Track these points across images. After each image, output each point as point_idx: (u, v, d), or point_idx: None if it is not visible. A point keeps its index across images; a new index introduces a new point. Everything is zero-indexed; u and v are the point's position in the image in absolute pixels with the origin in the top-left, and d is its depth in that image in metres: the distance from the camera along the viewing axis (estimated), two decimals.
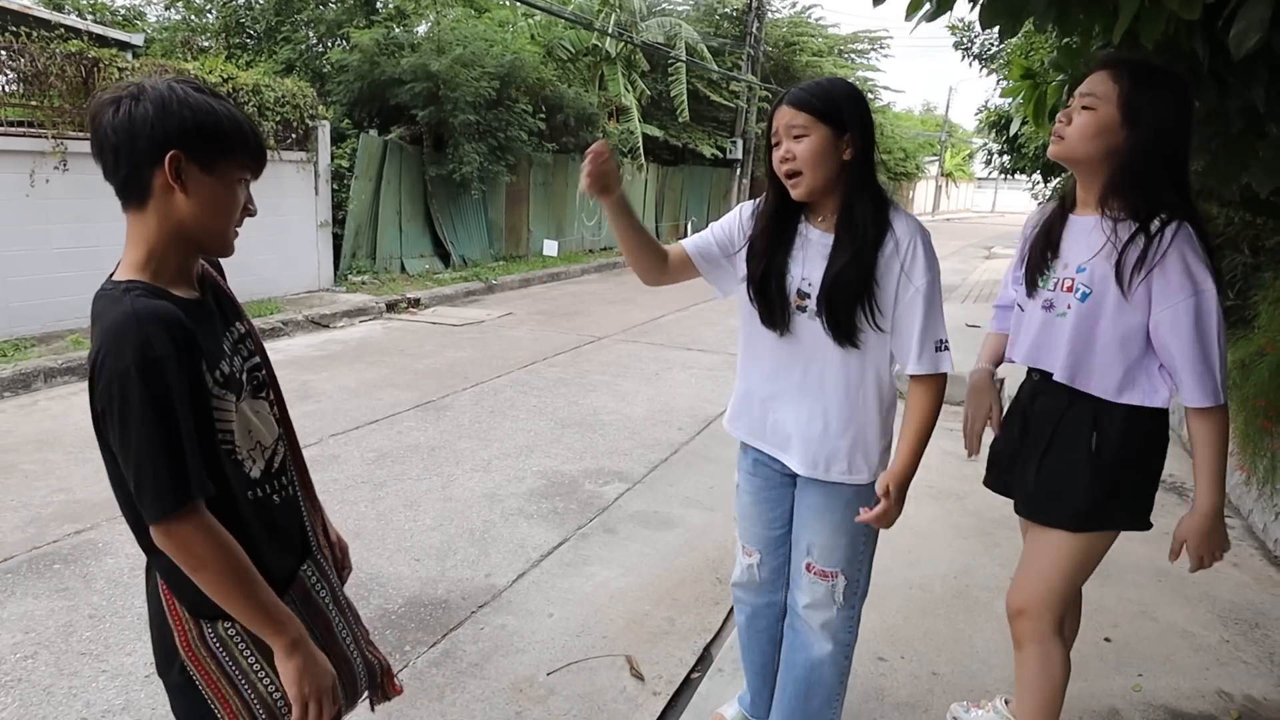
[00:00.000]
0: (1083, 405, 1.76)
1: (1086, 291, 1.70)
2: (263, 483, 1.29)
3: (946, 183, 47.49)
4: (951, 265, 16.64)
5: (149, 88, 1.15)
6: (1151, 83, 1.62)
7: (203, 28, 11.61)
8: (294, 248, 9.00)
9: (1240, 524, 3.72)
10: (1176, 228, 1.60)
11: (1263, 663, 2.62)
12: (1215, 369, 1.62)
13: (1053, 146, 1.75)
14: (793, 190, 1.72)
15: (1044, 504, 1.84)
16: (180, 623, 1.22)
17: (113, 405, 1.08)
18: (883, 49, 23.54)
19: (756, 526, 2.03)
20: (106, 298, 1.15)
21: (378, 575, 3.23)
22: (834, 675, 1.96)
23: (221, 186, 1.19)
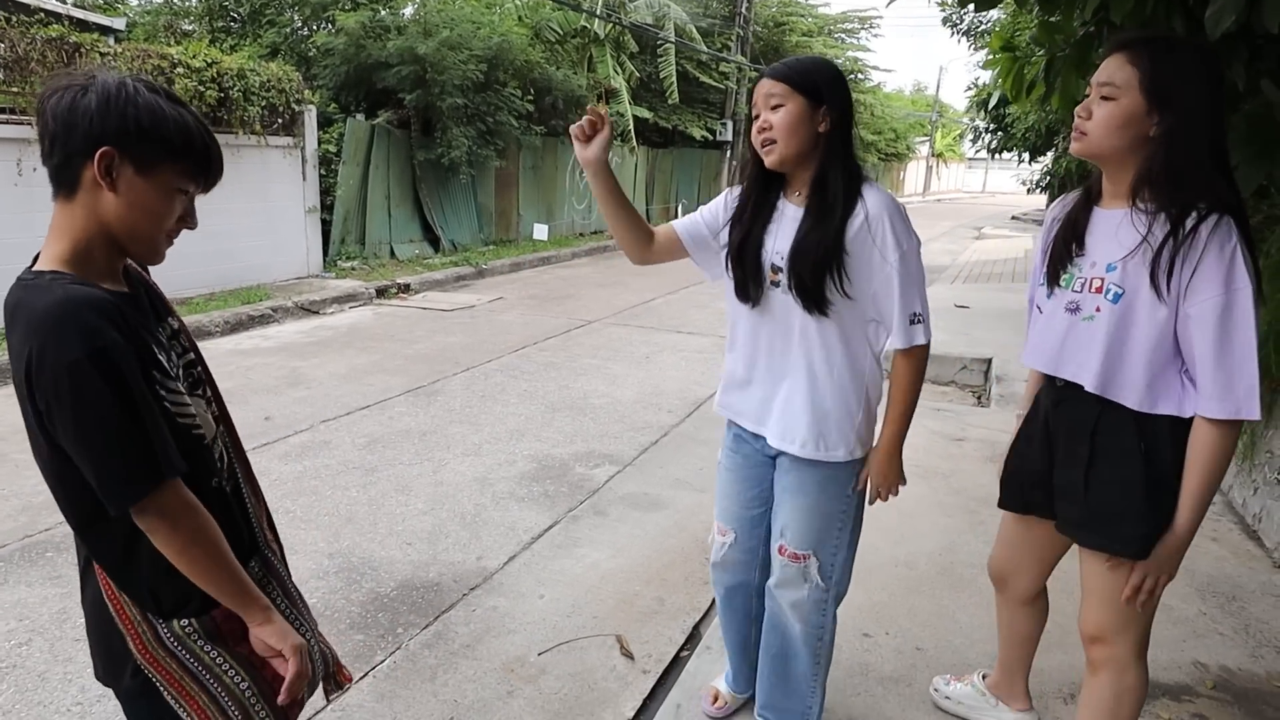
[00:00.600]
0: (1118, 415, 1.60)
1: (1119, 292, 1.55)
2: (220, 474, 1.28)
3: (937, 163, 47.44)
4: (941, 246, 16.67)
5: (99, 80, 1.11)
6: (1175, 60, 1.48)
7: (185, 11, 11.47)
8: (282, 234, 8.95)
9: (1220, 500, 3.78)
10: (1216, 221, 1.45)
11: (1238, 634, 2.68)
12: (1237, 378, 1.45)
13: (1075, 144, 1.61)
14: (765, 158, 1.73)
15: (1101, 528, 1.65)
16: (132, 625, 1.19)
17: (63, 399, 1.03)
18: (872, 28, 23.44)
19: (734, 505, 2.05)
20: (31, 287, 1.10)
21: (370, 559, 3.26)
22: (807, 656, 1.97)
23: (155, 192, 1.14)
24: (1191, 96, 1.47)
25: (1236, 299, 1.43)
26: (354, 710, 2.39)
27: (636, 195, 17.43)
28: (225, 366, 5.92)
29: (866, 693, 2.34)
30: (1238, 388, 1.46)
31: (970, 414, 5.10)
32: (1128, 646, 1.68)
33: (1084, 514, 1.68)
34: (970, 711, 2.21)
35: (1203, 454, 1.51)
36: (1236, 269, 1.43)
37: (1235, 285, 1.43)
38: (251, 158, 8.38)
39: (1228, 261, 1.43)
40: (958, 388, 6.12)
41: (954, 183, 53.46)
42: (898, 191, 38.50)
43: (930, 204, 35.78)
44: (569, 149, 14.45)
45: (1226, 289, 1.44)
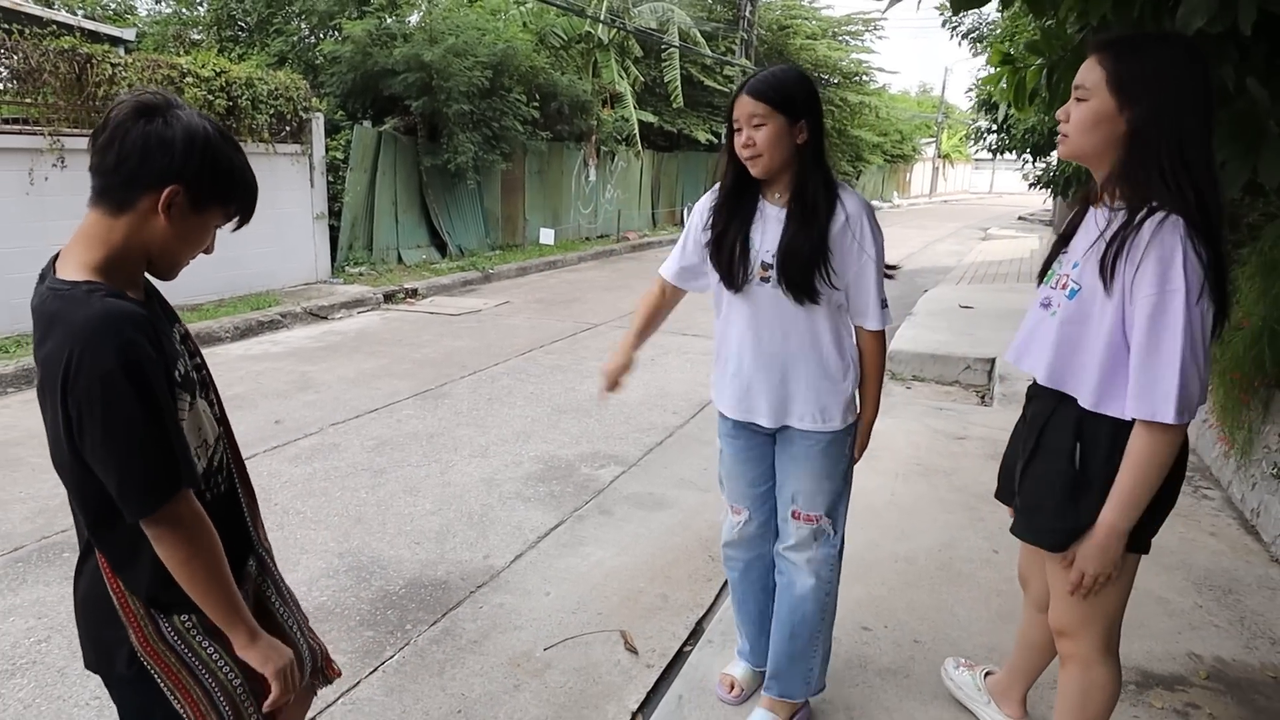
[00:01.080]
0: (1068, 411, 1.62)
1: (1075, 288, 1.57)
2: (207, 479, 1.32)
3: (944, 164, 47.36)
4: (947, 247, 16.68)
5: (184, 115, 1.16)
6: (1140, 55, 1.47)
7: (194, 21, 11.60)
8: (291, 240, 9.05)
9: (1220, 495, 3.80)
10: (1162, 218, 1.43)
11: (1233, 626, 2.71)
12: (1162, 381, 1.42)
13: (1060, 148, 1.63)
14: (752, 169, 1.92)
15: (1025, 519, 1.72)
16: (135, 618, 1.24)
17: (94, 407, 1.08)
18: (876, 30, 23.45)
19: (741, 485, 2.18)
20: (65, 297, 1.13)
21: (379, 558, 3.32)
22: (816, 611, 2.09)
23: (202, 226, 1.23)
24: (1157, 94, 1.46)
25: (1170, 300, 1.40)
26: (364, 704, 2.45)
27: (642, 200, 17.50)
28: (235, 371, 6.00)
29: (865, 684, 2.39)
30: (1157, 390, 1.43)
31: (973, 413, 5.13)
32: (1092, 643, 1.68)
33: (1019, 505, 1.76)
34: (965, 699, 2.25)
35: (1130, 454, 1.50)
36: (1174, 270, 1.40)
37: (1170, 286, 1.41)
38: (260, 165, 8.46)
39: (1166, 261, 1.41)
40: (961, 387, 6.15)
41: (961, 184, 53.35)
42: (904, 193, 38.45)
43: (937, 205, 35.74)
44: (575, 153, 14.55)
45: (1160, 289, 1.41)
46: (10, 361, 5.73)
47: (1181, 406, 1.43)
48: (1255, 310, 3.27)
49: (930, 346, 6.52)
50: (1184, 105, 1.45)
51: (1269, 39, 2.47)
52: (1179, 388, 1.41)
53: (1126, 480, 1.50)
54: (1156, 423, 1.45)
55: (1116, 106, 1.49)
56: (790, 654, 2.12)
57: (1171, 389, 1.42)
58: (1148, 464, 1.48)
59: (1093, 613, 1.66)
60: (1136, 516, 1.52)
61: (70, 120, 6.70)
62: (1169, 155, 1.45)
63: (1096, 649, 1.69)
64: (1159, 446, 1.47)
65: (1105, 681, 1.70)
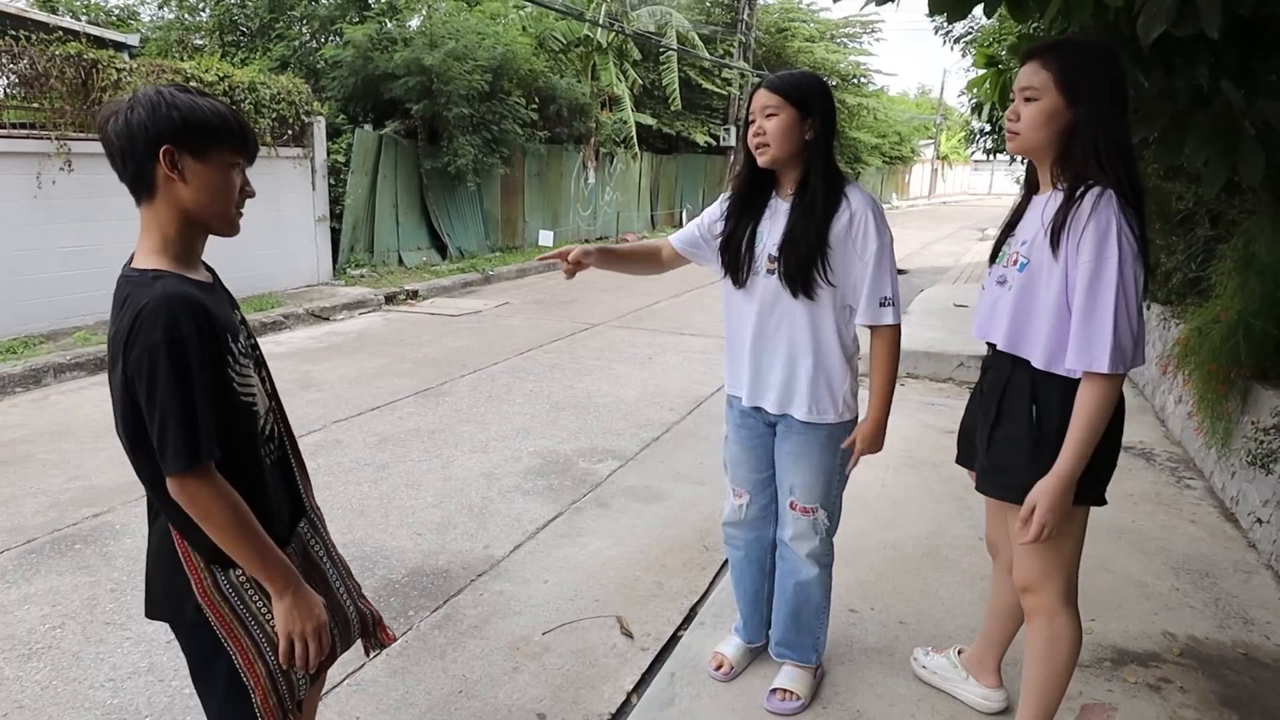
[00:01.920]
0: (1022, 376, 1.80)
1: (1025, 261, 1.77)
2: (270, 441, 1.48)
3: (942, 166, 47.46)
4: (945, 248, 16.77)
5: (140, 95, 1.30)
6: (1080, 60, 1.68)
7: (196, 26, 11.71)
8: (293, 243, 9.15)
9: (1202, 485, 3.90)
10: (1099, 193, 1.63)
11: (1208, 607, 2.81)
12: (1099, 335, 1.61)
13: (1010, 142, 1.81)
14: (759, 158, 2.01)
15: (991, 478, 1.89)
16: (195, 570, 1.37)
17: (142, 373, 1.24)
18: (874, 33, 23.57)
19: (745, 471, 2.30)
20: (134, 282, 1.31)
21: (382, 548, 3.41)
22: (820, 593, 2.27)
23: (216, 171, 1.33)
24: (1096, 89, 1.67)
25: (1105, 265, 1.60)
26: (369, 685, 2.54)
27: (641, 201, 17.60)
28: None
29: (851, 661, 2.48)
30: (1095, 343, 1.62)
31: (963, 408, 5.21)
32: (1053, 594, 1.83)
33: (983, 466, 1.92)
34: (943, 682, 2.34)
35: (1079, 405, 1.67)
36: (1110, 239, 1.60)
37: (1106, 254, 1.61)
38: (262, 168, 8.58)
39: (1103, 231, 1.61)
40: (955, 384, 6.23)
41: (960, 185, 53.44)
42: (903, 194, 38.55)
43: (936, 206, 35.83)
44: (573, 156, 14.65)
45: (1098, 256, 1.61)
46: (19, 362, 5.82)
47: (1116, 358, 1.61)
48: (1232, 304, 3.36)
49: (924, 344, 6.61)
50: (1114, 100, 1.68)
51: (1240, 42, 2.58)
52: (1114, 341, 1.61)
53: (1075, 430, 1.68)
54: (1096, 373, 1.63)
55: (1065, 103, 1.69)
56: (798, 627, 2.29)
57: (1107, 342, 1.61)
58: (1092, 412, 1.65)
59: (1052, 565, 1.82)
60: (1084, 462, 1.69)
61: (76, 124, 6.80)
62: (1103, 141, 1.67)
63: (1058, 599, 1.84)
64: (1100, 395, 1.65)
65: (1068, 630, 1.85)
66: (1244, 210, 3.78)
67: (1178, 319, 4.63)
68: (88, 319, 6.95)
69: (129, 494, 3.87)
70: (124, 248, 1.41)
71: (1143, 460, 4.24)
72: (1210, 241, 4.31)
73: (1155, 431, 4.72)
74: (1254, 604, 2.86)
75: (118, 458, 4.39)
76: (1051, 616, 1.85)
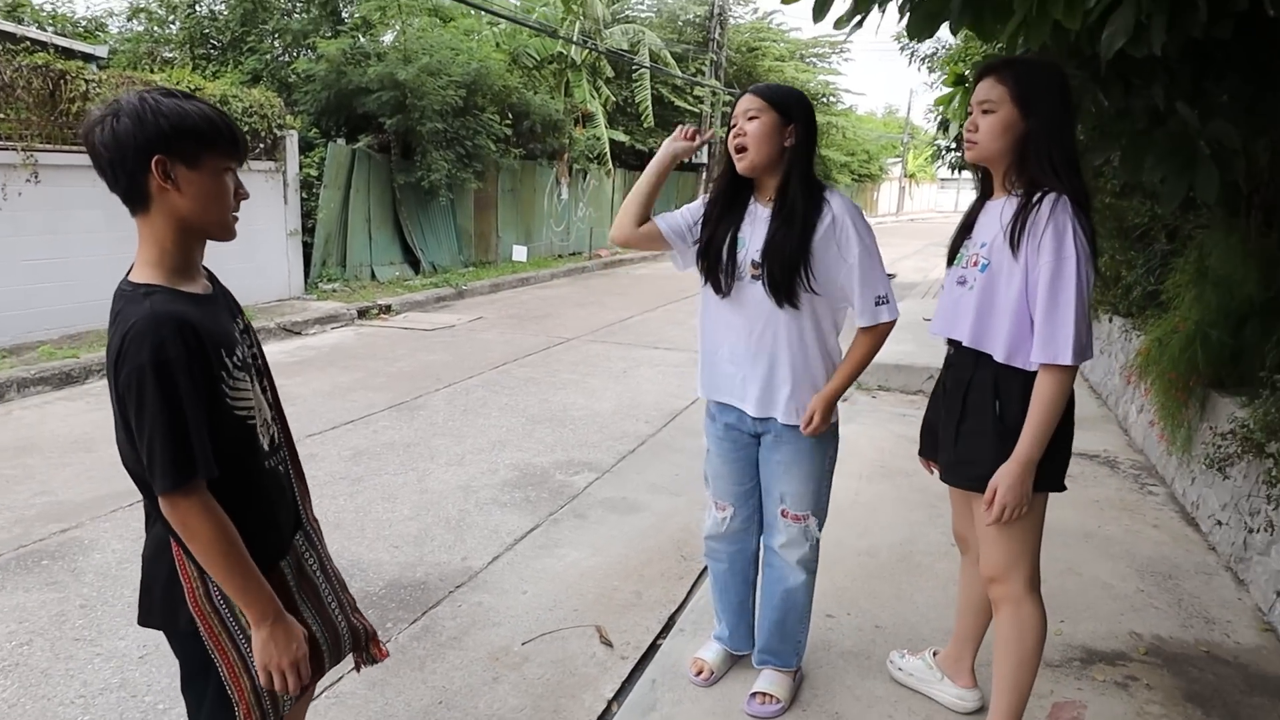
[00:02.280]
0: (985, 373, 1.89)
1: (986, 262, 1.88)
2: (269, 455, 1.45)
3: (910, 183, 48.29)
4: (914, 264, 17.06)
5: (124, 103, 1.26)
6: (1033, 75, 1.81)
7: (166, 39, 11.60)
8: (264, 257, 9.07)
9: (1164, 491, 4.01)
10: (1056, 199, 1.75)
11: (1172, 608, 2.90)
12: (1061, 330, 1.72)
13: (968, 152, 1.93)
14: (738, 162, 2.04)
15: (960, 470, 1.98)
16: (189, 580, 1.35)
17: (130, 393, 1.23)
18: (842, 53, 24.01)
19: (728, 483, 2.31)
20: (127, 297, 1.29)
21: (358, 561, 3.39)
22: (805, 598, 2.31)
23: (210, 178, 1.30)
24: (1048, 103, 1.79)
25: (1064, 266, 1.72)
26: (348, 697, 2.52)
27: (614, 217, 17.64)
28: None
29: (829, 665, 2.52)
30: (1057, 338, 1.73)
31: None
32: (1019, 582, 1.93)
33: (951, 459, 2.01)
34: (919, 684, 2.38)
35: (1037, 394, 1.78)
36: (1067, 241, 1.72)
37: (1064, 254, 1.72)
38: None
39: (1061, 234, 1.73)
40: (925, 396, 6.34)
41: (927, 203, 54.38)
42: (871, 211, 39.14)
43: (904, 224, 36.40)
44: (547, 171, 14.71)
45: (1057, 257, 1.73)
46: None
47: (1077, 350, 1.73)
48: (1189, 315, 3.49)
49: (895, 358, 6.71)
50: (1064, 113, 1.82)
51: (1193, 63, 2.69)
52: (1074, 335, 1.72)
53: (1034, 417, 1.79)
54: (1057, 365, 1.75)
55: (1019, 115, 1.81)
56: (782, 634, 2.32)
57: (1069, 336, 1.72)
58: (1050, 401, 1.77)
59: (1017, 554, 1.91)
60: (1043, 447, 1.79)
61: (44, 136, 6.71)
62: (1055, 150, 1.79)
63: (1023, 586, 1.93)
64: (1058, 385, 1.77)
65: (1034, 616, 1.94)
66: (1198, 225, 3.92)
67: (1138, 331, 4.77)
68: (52, 333, 6.82)
69: (97, 509, 3.81)
70: (91, 262, 1.40)
71: (1107, 468, 4.35)
72: (1167, 255, 4.47)
73: (1119, 440, 4.85)
74: (1215, 604, 2.95)
75: (85, 473, 4.32)
76: (1018, 604, 1.93)
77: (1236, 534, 3.15)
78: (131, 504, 3.85)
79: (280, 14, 11.48)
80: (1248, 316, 3.41)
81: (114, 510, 3.80)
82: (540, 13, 15.09)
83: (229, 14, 11.41)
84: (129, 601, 3.02)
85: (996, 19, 2.49)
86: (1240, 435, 2.97)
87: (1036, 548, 1.94)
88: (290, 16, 11.62)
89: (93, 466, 4.35)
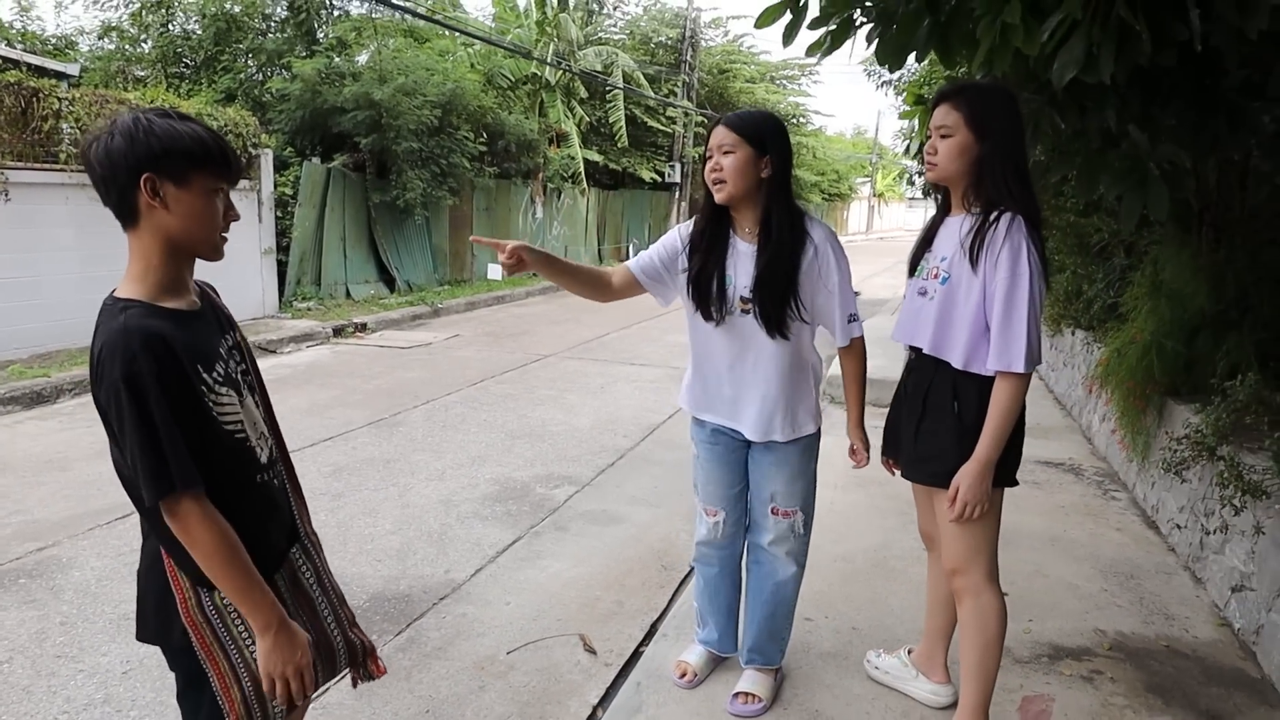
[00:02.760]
0: (944, 377, 2.01)
1: (946, 275, 2.00)
2: (266, 469, 1.47)
3: (879, 203, 49.09)
4: (883, 281, 17.37)
5: (120, 121, 1.29)
6: (985, 101, 1.93)
7: (138, 58, 11.55)
8: (238, 275, 9.03)
9: (1126, 496, 4.16)
10: (1011, 218, 1.87)
11: (1134, 605, 3.02)
12: (1015, 341, 1.84)
13: (929, 173, 2.05)
14: (716, 194, 2.11)
15: (920, 466, 2.10)
16: (182, 591, 1.36)
17: (110, 408, 1.26)
18: (812, 75, 24.46)
19: (719, 488, 2.37)
20: (107, 311, 1.31)
21: (341, 576, 3.34)
22: (793, 593, 2.40)
23: (198, 198, 1.32)
24: (1000, 127, 1.92)
25: (1019, 282, 1.84)
26: (334, 708, 2.54)
27: (589, 236, 17.81)
28: None
29: (808, 666, 2.59)
30: (1012, 348, 1.86)
31: None
32: (979, 574, 2.03)
33: (911, 457, 2.13)
34: (895, 681, 2.47)
35: (995, 400, 1.91)
36: (1022, 257, 1.85)
37: (1019, 270, 1.85)
38: None
39: (1016, 251, 1.85)
40: None
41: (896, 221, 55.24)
42: (842, 230, 39.72)
43: (874, 242, 36.99)
44: (522, 190, 14.80)
45: (1012, 273, 1.85)
46: None
47: (1029, 359, 1.86)
48: (1145, 326, 3.65)
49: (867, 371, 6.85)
50: (1016, 134, 1.94)
51: (1142, 89, 2.85)
52: (1027, 346, 1.85)
53: (992, 420, 1.91)
54: (1012, 372, 1.87)
55: (975, 138, 1.93)
56: (771, 631, 2.40)
57: (1022, 347, 1.85)
58: (1007, 406, 1.90)
59: (977, 546, 2.02)
60: (1001, 448, 1.92)
61: (15, 154, 6.66)
62: (1009, 171, 1.91)
63: (983, 577, 2.04)
64: (1014, 391, 1.90)
65: (994, 605, 2.04)
66: (1153, 241, 4.10)
67: (1099, 342, 4.95)
68: (22, 352, 6.74)
69: (74, 527, 3.78)
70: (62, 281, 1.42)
71: (1072, 475, 4.50)
72: (1125, 270, 4.66)
73: (1083, 448, 5.01)
74: (1174, 601, 3.08)
75: (59, 491, 4.28)
76: (978, 594, 2.04)
77: (1193, 535, 3.29)
78: (109, 522, 3.84)
79: (255, 34, 11.50)
80: (1199, 328, 3.58)
81: (91, 528, 3.78)
82: (515, 34, 15.25)
83: (203, 33, 11.40)
84: (110, 618, 3.01)
85: (962, 47, 2.63)
86: (1194, 440, 3.11)
87: (994, 541, 2.05)
88: (265, 36, 11.64)
89: (67, 485, 4.31)
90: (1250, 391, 3.04)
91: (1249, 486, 2.70)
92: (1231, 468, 2.79)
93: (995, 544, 2.05)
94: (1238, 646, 2.76)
